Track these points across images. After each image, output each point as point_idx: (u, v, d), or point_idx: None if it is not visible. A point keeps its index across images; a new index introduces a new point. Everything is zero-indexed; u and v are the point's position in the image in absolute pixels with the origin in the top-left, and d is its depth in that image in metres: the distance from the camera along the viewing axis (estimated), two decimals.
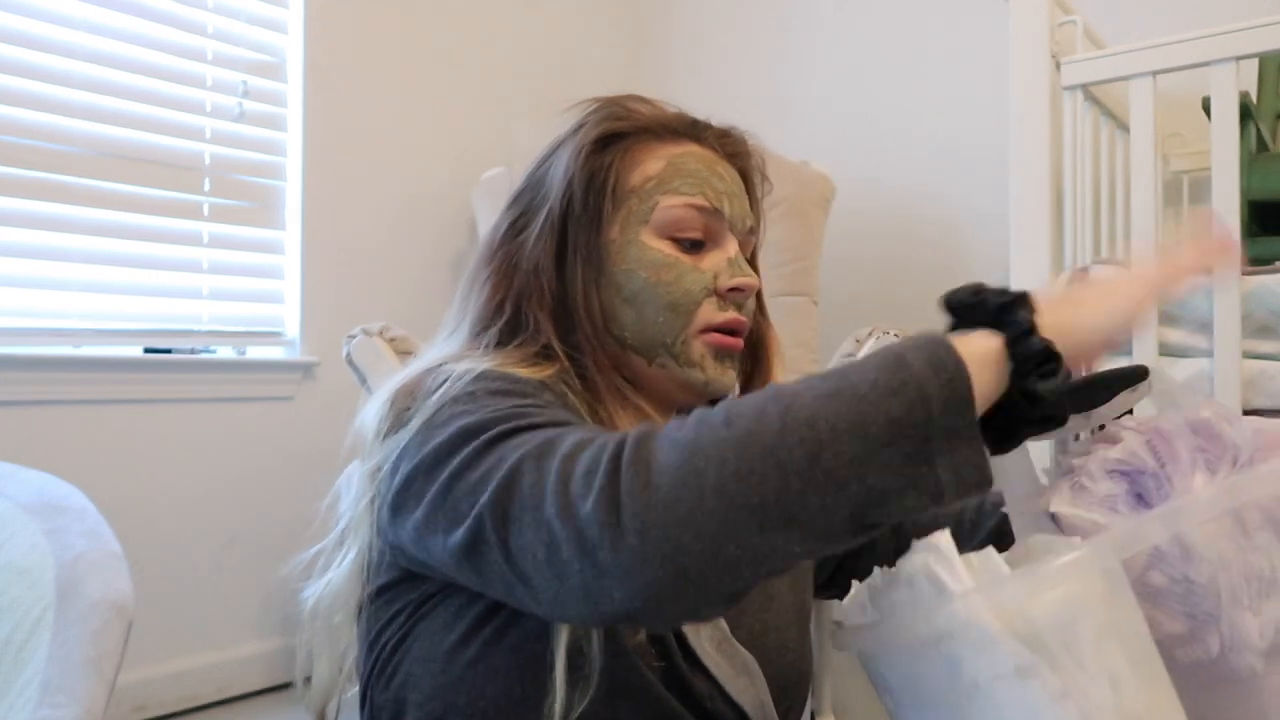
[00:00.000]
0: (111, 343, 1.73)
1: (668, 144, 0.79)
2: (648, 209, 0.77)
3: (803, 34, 2.51)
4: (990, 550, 0.56)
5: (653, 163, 0.78)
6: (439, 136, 2.25)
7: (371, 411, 0.71)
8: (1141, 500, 0.53)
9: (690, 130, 0.81)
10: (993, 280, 0.60)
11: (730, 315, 0.77)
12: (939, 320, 0.61)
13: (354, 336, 1.55)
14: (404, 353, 1.51)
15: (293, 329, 1.97)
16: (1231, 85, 1.38)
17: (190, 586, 1.78)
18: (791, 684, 0.77)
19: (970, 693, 0.50)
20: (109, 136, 1.71)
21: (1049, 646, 0.48)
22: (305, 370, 1.96)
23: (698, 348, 0.76)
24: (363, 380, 1.52)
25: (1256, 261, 1.42)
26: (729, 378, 0.78)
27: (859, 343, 1.60)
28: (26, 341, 1.62)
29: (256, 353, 1.96)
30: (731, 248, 0.78)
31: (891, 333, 1.58)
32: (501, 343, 0.75)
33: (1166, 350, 1.40)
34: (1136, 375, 0.68)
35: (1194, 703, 0.52)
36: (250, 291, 1.95)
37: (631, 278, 0.76)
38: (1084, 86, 1.55)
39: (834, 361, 1.65)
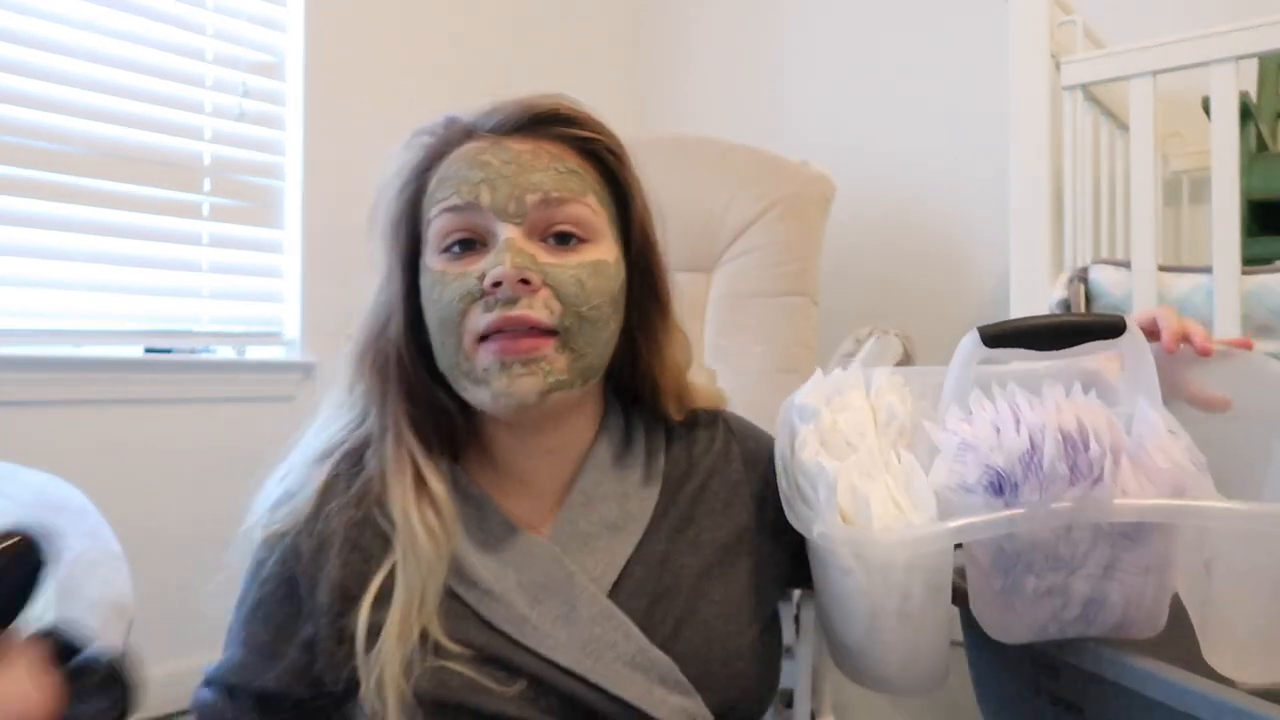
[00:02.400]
0: (111, 343, 1.73)
1: (451, 155, 0.73)
2: (429, 232, 0.73)
3: (803, 34, 2.51)
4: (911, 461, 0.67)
5: (434, 182, 0.74)
6: None
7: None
8: (997, 491, 0.61)
9: (461, 131, 0.74)
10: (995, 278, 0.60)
11: (494, 316, 0.68)
12: (939, 319, 0.61)
13: (354, 336, 1.55)
14: None
15: (293, 329, 1.97)
16: (1231, 85, 1.38)
17: (190, 586, 1.77)
18: (727, 685, 0.72)
19: (821, 566, 0.72)
20: (109, 136, 1.71)
21: (869, 567, 0.65)
22: (305, 370, 1.96)
23: (482, 360, 0.70)
24: None
25: (1256, 261, 1.42)
26: (520, 386, 0.68)
27: (859, 342, 1.59)
28: (26, 341, 1.62)
29: (256, 353, 1.95)
30: (504, 236, 0.69)
31: (891, 333, 1.58)
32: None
33: None
34: (1115, 328, 0.68)
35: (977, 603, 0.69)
36: (250, 291, 1.94)
37: (425, 308, 0.74)
38: (1084, 86, 1.55)
39: (834, 361, 1.64)
